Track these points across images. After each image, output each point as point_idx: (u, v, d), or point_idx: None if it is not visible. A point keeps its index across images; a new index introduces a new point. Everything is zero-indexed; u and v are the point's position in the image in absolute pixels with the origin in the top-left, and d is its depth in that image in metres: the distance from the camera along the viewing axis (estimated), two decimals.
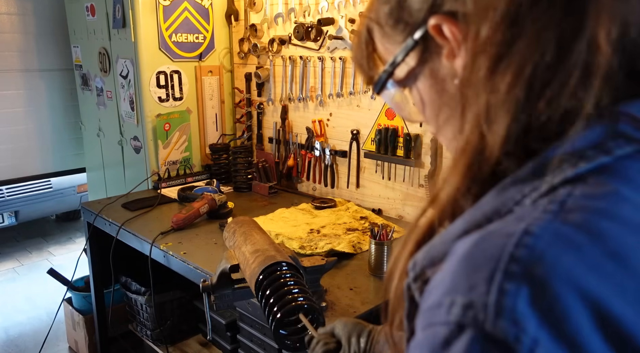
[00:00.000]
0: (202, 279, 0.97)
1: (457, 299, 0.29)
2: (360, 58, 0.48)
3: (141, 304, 2.09)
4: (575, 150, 0.32)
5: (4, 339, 2.65)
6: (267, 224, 1.76)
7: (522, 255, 0.28)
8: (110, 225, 1.86)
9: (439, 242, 0.36)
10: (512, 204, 0.33)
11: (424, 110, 0.44)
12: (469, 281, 0.29)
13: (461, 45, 0.37)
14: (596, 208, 0.29)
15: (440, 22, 0.38)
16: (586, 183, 0.31)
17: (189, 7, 2.26)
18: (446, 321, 0.28)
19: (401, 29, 0.41)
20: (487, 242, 0.30)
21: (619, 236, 0.28)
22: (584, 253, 0.27)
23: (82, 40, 2.69)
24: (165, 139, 2.31)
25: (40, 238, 4.04)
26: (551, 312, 0.26)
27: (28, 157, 3.57)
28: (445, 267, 0.32)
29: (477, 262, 0.29)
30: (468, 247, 0.31)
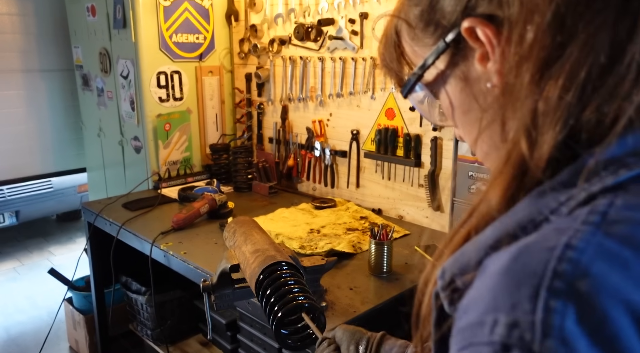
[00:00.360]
0: (203, 279, 0.97)
1: (500, 318, 0.27)
2: (389, 60, 0.47)
3: (141, 304, 2.09)
4: (616, 156, 0.31)
5: (5, 339, 2.65)
6: (267, 224, 1.76)
7: (566, 270, 0.27)
8: (111, 225, 1.86)
9: (469, 250, 0.35)
10: (547, 213, 0.32)
11: (452, 114, 0.43)
12: (512, 298, 0.27)
13: (496, 48, 0.36)
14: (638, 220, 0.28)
15: (475, 25, 0.37)
16: (628, 193, 0.30)
17: (190, 7, 2.26)
18: (490, 341, 0.27)
19: (431, 31, 0.41)
20: (528, 256, 0.28)
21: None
22: (630, 269, 0.26)
23: (82, 40, 2.69)
24: (166, 139, 2.32)
25: (41, 238, 4.04)
26: (601, 331, 0.25)
27: (29, 157, 3.58)
28: (482, 283, 0.30)
29: (519, 277, 0.28)
30: (507, 262, 0.29)
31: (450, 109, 0.43)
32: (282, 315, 0.74)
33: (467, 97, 0.41)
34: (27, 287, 3.21)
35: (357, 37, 1.87)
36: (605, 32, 0.31)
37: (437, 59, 0.40)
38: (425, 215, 1.81)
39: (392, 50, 0.46)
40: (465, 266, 0.34)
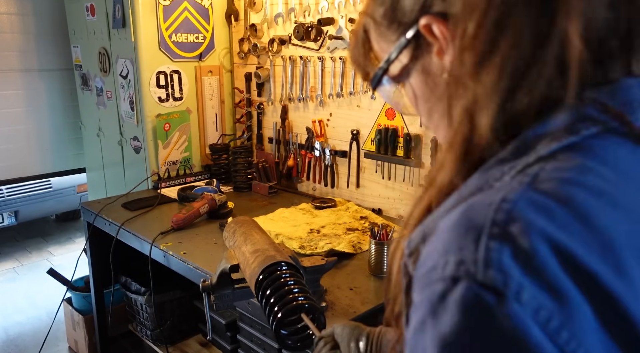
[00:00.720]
0: (202, 279, 0.97)
1: (450, 259, 0.32)
2: (357, 56, 0.51)
3: (141, 304, 2.09)
4: (548, 131, 0.37)
5: (4, 339, 2.65)
6: (267, 224, 1.76)
7: (501, 218, 0.32)
8: (110, 225, 1.86)
9: (431, 220, 0.40)
10: (492, 181, 0.37)
11: (417, 104, 0.48)
12: (459, 243, 0.33)
13: (449, 43, 0.41)
14: (564, 178, 0.34)
15: (430, 22, 0.41)
16: (556, 159, 0.35)
17: (189, 7, 2.26)
18: (442, 277, 0.32)
19: (395, 29, 0.45)
20: (472, 211, 0.34)
21: (583, 200, 0.33)
22: (554, 215, 0.32)
23: (82, 40, 2.69)
24: (165, 138, 2.31)
25: (40, 238, 4.04)
26: (530, 263, 0.31)
27: (28, 157, 3.57)
28: (436, 238, 0.35)
29: (464, 228, 0.33)
30: (455, 217, 0.35)
31: (414, 98, 0.48)
32: (282, 315, 0.74)
33: (428, 88, 0.46)
34: (26, 288, 3.20)
35: None
36: (529, 29, 0.36)
37: (400, 54, 0.45)
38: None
39: (361, 46, 0.51)
40: (426, 234, 0.39)
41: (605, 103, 0.38)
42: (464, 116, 0.39)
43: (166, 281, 1.94)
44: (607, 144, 0.36)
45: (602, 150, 0.36)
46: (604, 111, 0.37)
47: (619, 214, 0.33)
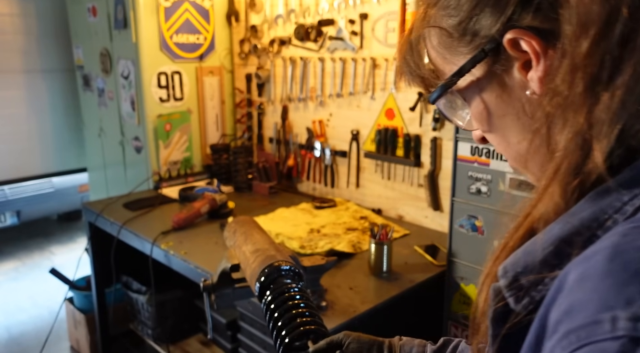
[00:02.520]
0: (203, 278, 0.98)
1: (619, 314, 0.29)
2: (415, 67, 0.48)
3: (142, 303, 2.10)
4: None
5: (6, 338, 2.66)
6: (268, 224, 1.77)
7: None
8: (112, 225, 1.87)
9: (531, 249, 0.37)
10: (612, 212, 0.34)
11: (488, 119, 0.45)
12: (624, 295, 0.29)
13: (541, 58, 0.38)
14: None
15: (518, 36, 0.38)
16: None
17: (190, 8, 2.27)
18: (614, 336, 0.28)
19: (467, 41, 0.42)
20: (624, 257, 0.30)
21: None
22: None
23: (83, 40, 2.70)
24: (166, 139, 2.32)
25: (42, 238, 4.05)
26: None
27: (30, 157, 3.59)
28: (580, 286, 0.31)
29: (623, 277, 0.30)
30: (604, 264, 0.31)
31: (485, 113, 0.45)
32: (289, 340, 0.74)
33: (503, 103, 0.43)
34: (28, 287, 3.22)
35: (357, 37, 1.87)
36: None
37: (473, 67, 0.42)
38: (425, 215, 1.81)
39: (417, 57, 0.48)
40: (530, 265, 0.36)
41: None
42: (574, 144, 0.36)
43: (167, 280, 1.96)
44: None
45: None
46: None
47: None
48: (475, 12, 0.41)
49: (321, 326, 0.77)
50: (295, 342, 0.73)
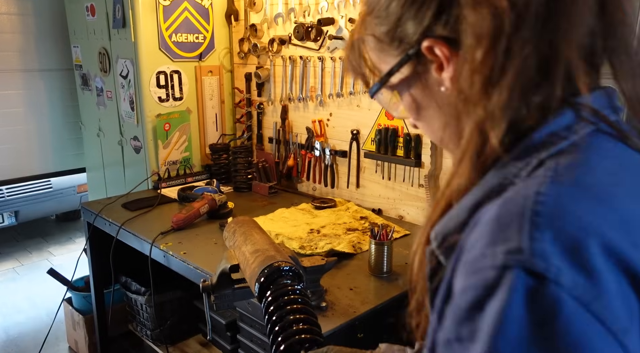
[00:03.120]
0: (202, 279, 0.97)
1: (498, 249, 0.37)
2: (356, 65, 0.57)
3: (141, 304, 2.09)
4: (554, 131, 0.44)
5: (4, 339, 2.65)
6: (267, 224, 1.76)
7: (540, 209, 0.37)
8: (110, 225, 1.86)
9: (454, 215, 0.45)
10: (511, 177, 0.43)
11: (415, 110, 0.55)
12: (505, 234, 0.38)
13: (450, 61, 0.47)
14: (579, 171, 0.40)
15: (433, 45, 0.47)
16: (566, 155, 0.42)
17: (189, 7, 2.26)
18: (493, 265, 0.37)
19: (396, 46, 0.51)
20: (510, 204, 0.39)
21: (599, 185, 0.40)
22: (580, 202, 0.38)
23: (82, 40, 2.69)
24: (165, 138, 2.31)
25: (40, 238, 4.04)
26: (568, 246, 0.36)
27: (28, 157, 3.57)
28: (480, 228, 0.40)
29: (507, 220, 0.38)
30: (495, 211, 0.40)
31: (414, 106, 0.54)
32: (284, 349, 0.73)
33: (426, 98, 0.52)
34: (26, 288, 3.21)
35: None
36: (533, 54, 0.42)
37: (401, 67, 0.51)
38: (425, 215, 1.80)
39: (358, 58, 0.56)
40: (453, 228, 0.45)
41: (593, 107, 0.45)
42: (475, 131, 0.45)
43: (166, 281, 1.95)
44: (601, 140, 0.44)
45: (599, 146, 0.43)
46: (594, 113, 0.45)
47: (630, 198, 0.40)
48: (400, 22, 0.49)
49: (318, 335, 0.76)
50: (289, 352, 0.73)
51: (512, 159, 0.44)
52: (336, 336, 1.14)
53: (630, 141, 0.45)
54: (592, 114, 0.44)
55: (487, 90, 0.43)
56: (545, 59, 0.42)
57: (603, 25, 0.45)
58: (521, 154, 0.44)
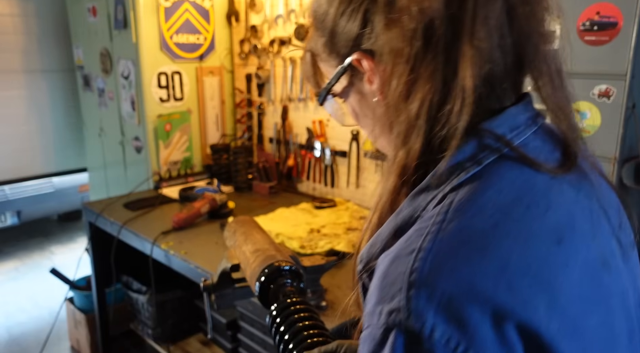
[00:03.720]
0: (203, 278, 0.98)
1: (384, 308, 0.39)
2: (309, 76, 0.59)
3: (142, 303, 2.10)
4: (459, 162, 0.43)
5: (7, 338, 2.66)
6: (268, 224, 1.77)
7: (418, 267, 0.39)
8: (112, 225, 1.87)
9: (375, 242, 0.47)
10: (420, 211, 0.44)
11: (357, 118, 0.56)
12: (389, 293, 0.39)
13: (375, 74, 0.48)
14: (468, 213, 0.40)
15: (360, 58, 0.49)
16: (463, 192, 0.42)
17: (190, 8, 2.27)
18: (378, 325, 0.39)
19: (334, 57, 0.53)
20: (398, 261, 0.40)
21: (482, 231, 0.40)
22: (458, 255, 0.39)
23: (83, 41, 2.70)
24: (166, 139, 2.32)
25: (43, 237, 4.05)
26: (442, 302, 0.37)
27: (30, 157, 3.59)
28: (374, 280, 0.42)
29: (392, 278, 0.40)
30: (386, 266, 0.41)
31: (354, 113, 0.56)
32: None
33: (363, 106, 0.53)
34: (28, 287, 3.22)
35: None
36: (439, 73, 0.43)
37: (340, 78, 0.53)
38: None
39: (310, 68, 0.58)
40: (374, 254, 0.46)
41: (497, 133, 0.44)
42: (398, 142, 0.46)
43: (167, 280, 1.96)
44: (504, 169, 0.43)
45: (500, 176, 0.43)
46: (497, 139, 0.44)
47: (514, 238, 0.40)
48: (334, 35, 0.51)
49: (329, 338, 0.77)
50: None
51: (423, 188, 0.44)
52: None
53: (535, 165, 0.44)
54: (495, 140, 0.44)
55: (399, 107, 0.45)
56: (450, 84, 0.43)
57: (515, 38, 0.44)
58: (432, 183, 0.44)
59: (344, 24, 0.49)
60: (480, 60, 0.42)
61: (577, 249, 0.42)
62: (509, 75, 0.46)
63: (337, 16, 0.50)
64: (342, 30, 0.50)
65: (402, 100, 0.45)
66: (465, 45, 0.42)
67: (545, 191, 0.43)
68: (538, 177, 0.44)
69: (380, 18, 0.45)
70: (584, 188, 0.47)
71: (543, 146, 0.46)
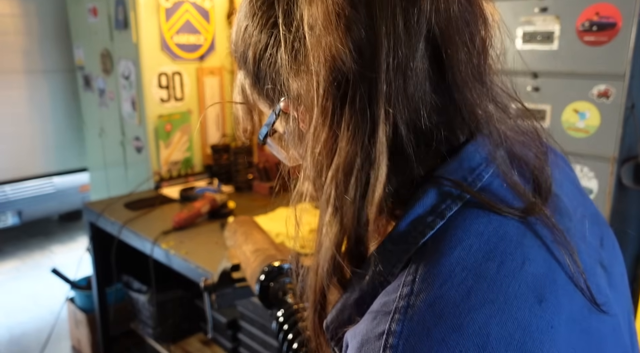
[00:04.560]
0: (203, 278, 0.98)
1: None
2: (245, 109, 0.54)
3: (143, 303, 2.10)
4: (419, 217, 0.39)
5: (8, 338, 2.67)
6: (268, 224, 1.77)
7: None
8: (112, 225, 1.87)
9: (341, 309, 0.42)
10: (386, 275, 0.39)
11: (298, 159, 0.50)
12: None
13: (304, 119, 0.43)
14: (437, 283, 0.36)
15: (287, 104, 0.44)
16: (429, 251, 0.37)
17: (190, 8, 2.28)
18: None
19: (264, 99, 0.48)
20: (367, 346, 0.36)
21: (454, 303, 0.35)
22: (431, 336, 0.34)
23: (84, 41, 2.70)
24: (167, 139, 2.33)
25: (43, 237, 4.06)
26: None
27: (31, 157, 3.60)
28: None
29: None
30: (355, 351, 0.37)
31: (293, 154, 0.51)
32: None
33: (300, 148, 0.48)
34: (29, 287, 3.23)
35: None
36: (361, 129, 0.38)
37: (275, 120, 0.48)
38: None
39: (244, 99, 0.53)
40: (342, 321, 0.42)
41: (455, 180, 0.39)
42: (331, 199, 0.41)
43: (167, 280, 1.96)
44: (470, 220, 0.38)
45: (466, 229, 0.38)
46: (457, 186, 0.39)
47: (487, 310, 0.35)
48: (258, 80, 0.46)
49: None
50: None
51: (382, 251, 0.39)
52: None
53: (502, 211, 0.39)
54: (455, 186, 0.39)
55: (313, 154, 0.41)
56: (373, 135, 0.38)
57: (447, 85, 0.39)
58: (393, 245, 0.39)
59: (264, 68, 0.45)
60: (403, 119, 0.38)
61: (560, 304, 0.37)
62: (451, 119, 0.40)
63: (255, 60, 0.46)
64: (264, 75, 0.45)
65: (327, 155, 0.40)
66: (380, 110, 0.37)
67: (519, 240, 0.38)
68: (508, 225, 0.39)
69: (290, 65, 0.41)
70: (560, 219, 0.42)
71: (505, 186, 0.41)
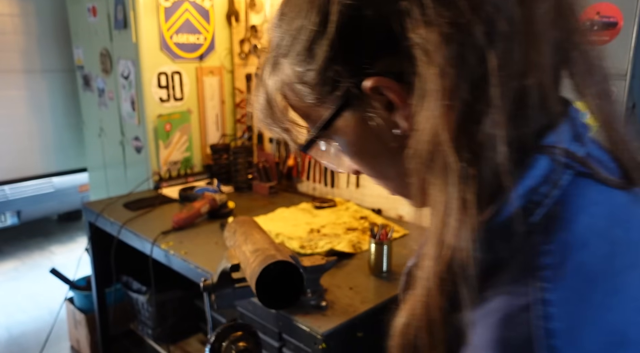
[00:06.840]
0: (203, 278, 0.98)
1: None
2: (280, 121, 0.47)
3: (142, 303, 2.10)
4: (533, 188, 0.36)
5: (7, 338, 2.66)
6: (268, 224, 1.77)
7: (553, 328, 0.31)
8: (112, 225, 1.87)
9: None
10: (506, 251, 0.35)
11: (362, 161, 0.45)
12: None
13: (403, 100, 0.38)
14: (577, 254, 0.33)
15: (379, 84, 0.38)
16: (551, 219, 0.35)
17: (190, 8, 2.27)
18: None
19: (328, 90, 0.41)
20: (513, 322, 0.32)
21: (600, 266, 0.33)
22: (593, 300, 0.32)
23: (83, 41, 2.70)
24: (166, 139, 2.32)
25: (43, 237, 4.06)
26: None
27: (30, 157, 3.59)
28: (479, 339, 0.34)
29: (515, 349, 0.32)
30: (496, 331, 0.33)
31: (358, 156, 0.45)
32: None
33: (374, 144, 0.42)
34: (28, 287, 3.22)
35: None
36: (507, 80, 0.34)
37: (339, 115, 0.42)
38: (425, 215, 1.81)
39: (280, 109, 0.47)
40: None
41: (567, 149, 0.37)
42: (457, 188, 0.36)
43: (167, 280, 1.96)
44: (584, 190, 0.36)
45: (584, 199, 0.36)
46: (567, 155, 0.37)
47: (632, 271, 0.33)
48: (331, 62, 0.40)
49: None
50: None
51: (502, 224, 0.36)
52: (336, 335, 1.15)
53: (607, 181, 0.37)
54: (564, 155, 0.37)
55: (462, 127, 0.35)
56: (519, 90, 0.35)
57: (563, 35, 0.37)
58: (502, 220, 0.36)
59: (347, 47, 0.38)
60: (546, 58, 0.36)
61: None
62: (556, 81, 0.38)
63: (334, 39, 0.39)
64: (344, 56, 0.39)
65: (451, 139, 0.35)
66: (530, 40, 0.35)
67: (632, 208, 0.37)
68: (617, 194, 0.37)
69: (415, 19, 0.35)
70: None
71: (604, 156, 0.39)
